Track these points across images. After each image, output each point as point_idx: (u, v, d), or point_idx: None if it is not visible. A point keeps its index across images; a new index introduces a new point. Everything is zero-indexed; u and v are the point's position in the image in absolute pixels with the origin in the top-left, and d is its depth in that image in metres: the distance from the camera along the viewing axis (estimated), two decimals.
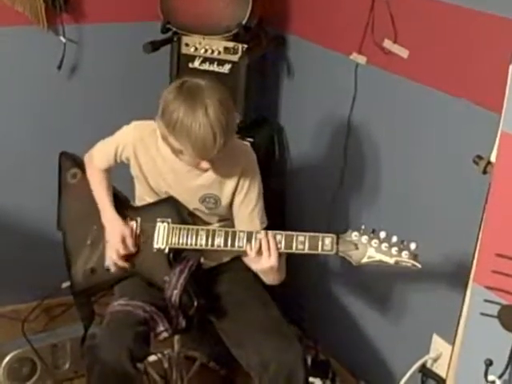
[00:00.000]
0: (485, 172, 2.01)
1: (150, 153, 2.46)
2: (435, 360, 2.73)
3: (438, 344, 2.71)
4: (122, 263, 2.48)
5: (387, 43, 2.71)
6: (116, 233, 2.48)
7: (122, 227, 2.49)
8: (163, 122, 2.25)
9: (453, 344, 2.16)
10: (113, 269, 2.50)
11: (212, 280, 2.61)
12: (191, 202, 2.49)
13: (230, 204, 2.51)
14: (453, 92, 2.50)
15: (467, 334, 1.97)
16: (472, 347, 1.94)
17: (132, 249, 2.47)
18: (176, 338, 2.75)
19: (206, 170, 2.35)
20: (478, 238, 1.95)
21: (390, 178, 2.89)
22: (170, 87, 2.27)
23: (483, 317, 1.83)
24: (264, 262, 2.30)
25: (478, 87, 2.40)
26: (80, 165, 2.67)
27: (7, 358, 2.98)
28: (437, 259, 2.58)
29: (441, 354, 2.70)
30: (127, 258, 2.48)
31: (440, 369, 2.70)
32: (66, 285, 2.73)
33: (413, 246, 2.14)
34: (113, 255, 2.48)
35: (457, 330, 2.11)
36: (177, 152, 2.28)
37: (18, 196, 3.39)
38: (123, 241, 2.46)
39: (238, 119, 2.35)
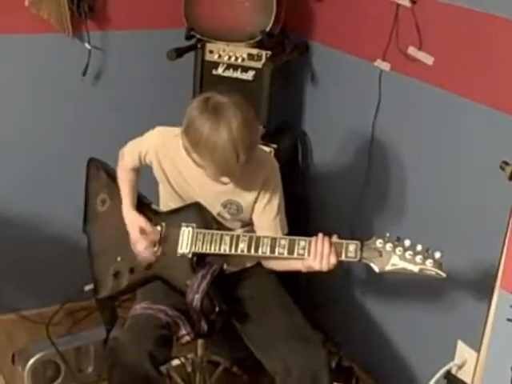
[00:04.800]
0: (511, 178, 2.00)
1: (173, 157, 2.46)
2: (460, 367, 2.70)
3: (463, 350, 2.68)
4: (150, 252, 2.47)
5: (412, 50, 2.70)
6: (133, 226, 2.51)
7: (137, 219, 2.52)
8: (187, 139, 2.24)
9: (478, 350, 2.13)
10: (144, 261, 2.49)
11: (235, 285, 2.59)
12: (214, 207, 2.48)
13: (252, 210, 2.50)
14: (478, 98, 2.48)
15: (493, 340, 1.96)
16: (498, 353, 1.93)
17: (153, 235, 2.47)
18: (199, 342, 2.75)
19: (226, 183, 2.36)
20: (504, 244, 1.93)
21: (414, 186, 2.87)
22: (194, 103, 2.25)
23: (509, 323, 1.81)
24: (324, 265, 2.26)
25: (504, 94, 2.38)
26: (107, 172, 2.69)
27: (31, 361, 2.98)
28: (462, 265, 2.55)
29: (466, 360, 2.67)
30: (154, 244, 2.48)
31: (465, 375, 2.67)
32: (88, 287, 2.74)
33: (437, 254, 2.12)
34: (139, 248, 2.48)
35: (482, 337, 2.09)
36: (199, 166, 2.29)
37: (42, 201, 3.40)
38: (141, 231, 2.48)
39: (261, 132, 2.35)
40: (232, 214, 2.49)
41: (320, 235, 2.26)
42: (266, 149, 3.02)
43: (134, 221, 2.54)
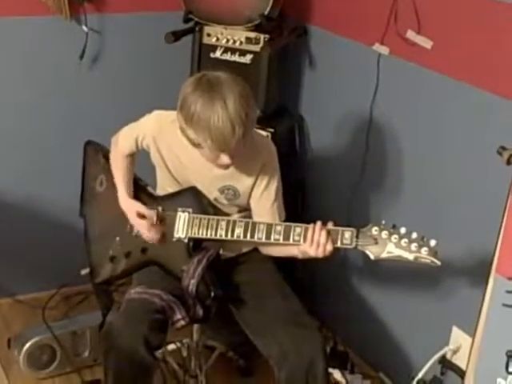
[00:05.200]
0: (509, 163, 1.99)
1: (170, 142, 2.45)
2: (455, 352, 2.71)
3: (458, 336, 2.69)
4: (155, 232, 2.46)
5: (410, 34, 2.68)
6: (131, 213, 2.51)
7: (132, 204, 2.52)
8: (182, 115, 2.24)
9: (473, 336, 2.13)
10: (155, 240, 2.47)
11: (231, 270, 2.59)
12: (211, 192, 2.47)
13: (249, 196, 2.49)
14: (477, 83, 2.47)
15: (488, 325, 1.96)
16: (493, 338, 1.93)
17: (152, 217, 2.47)
18: (195, 327, 2.75)
19: (226, 168, 2.34)
20: (500, 229, 1.93)
21: (412, 171, 2.86)
22: (189, 80, 2.26)
23: (505, 308, 1.81)
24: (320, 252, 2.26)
25: (503, 78, 2.37)
26: (105, 155, 2.67)
27: (27, 345, 2.98)
28: (458, 251, 2.55)
29: (460, 345, 2.68)
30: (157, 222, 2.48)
31: (460, 360, 2.68)
32: (85, 272, 2.74)
33: (433, 242, 2.12)
34: (144, 232, 2.48)
35: (477, 322, 2.09)
36: (196, 145, 2.28)
37: (38, 185, 3.40)
38: (139, 215, 2.48)
39: (256, 114, 2.35)
40: (229, 199, 2.48)
41: (318, 224, 2.25)
42: (263, 133, 3.01)
43: (130, 208, 2.53)
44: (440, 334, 2.76)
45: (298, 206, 3.34)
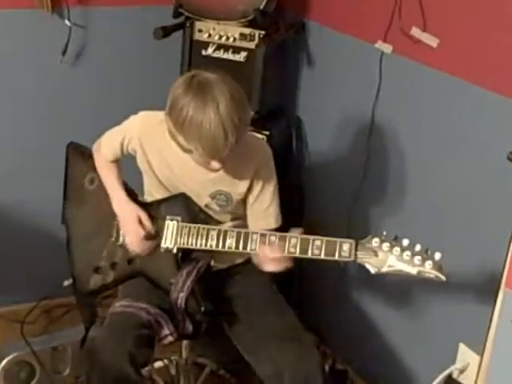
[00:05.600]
0: None
1: (158, 145, 2.44)
2: (462, 371, 2.70)
3: (465, 354, 2.68)
4: (146, 244, 2.47)
5: (415, 31, 2.68)
6: (130, 216, 2.49)
7: (136, 208, 2.50)
8: (171, 119, 2.23)
9: (481, 353, 2.13)
10: (142, 252, 2.48)
11: (223, 283, 2.60)
12: (202, 198, 2.48)
13: (243, 201, 2.50)
14: (486, 84, 2.46)
15: (497, 343, 1.95)
16: (502, 356, 1.92)
17: (151, 229, 2.47)
18: (184, 343, 2.75)
19: (216, 171, 2.34)
20: (510, 241, 1.93)
21: (416, 178, 2.86)
22: (179, 82, 2.25)
23: None
24: (271, 266, 2.33)
25: None
26: (90, 156, 2.67)
27: (5, 362, 2.97)
28: (466, 263, 2.55)
29: (468, 364, 2.67)
30: (149, 238, 2.48)
31: (467, 380, 2.67)
32: (67, 283, 2.74)
33: (437, 255, 2.12)
34: (134, 240, 2.48)
35: (486, 339, 2.08)
36: (186, 151, 2.28)
37: (18, 191, 3.37)
38: (140, 221, 2.47)
39: (251, 115, 2.36)
40: (221, 205, 2.49)
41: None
42: (258, 136, 3.01)
43: (132, 211, 2.51)
44: (446, 352, 2.75)
45: (294, 213, 3.33)
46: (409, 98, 2.84)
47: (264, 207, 2.49)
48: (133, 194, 2.61)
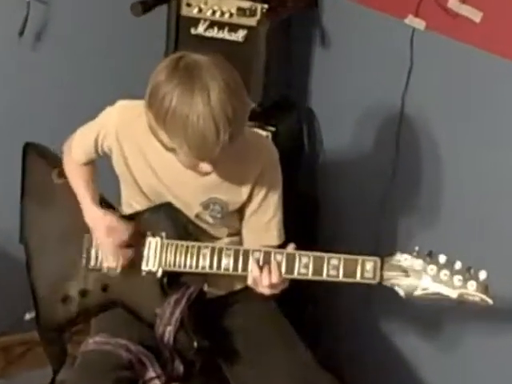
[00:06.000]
0: None
1: (138, 141, 2.45)
2: None
3: None
4: (124, 253, 2.48)
5: (453, 3, 2.70)
6: (101, 228, 2.50)
7: (105, 218, 2.50)
8: (151, 111, 2.22)
9: None
10: (119, 265, 2.49)
11: (220, 313, 2.60)
12: (192, 207, 2.48)
13: (242, 213, 2.51)
14: None
15: None
16: None
17: (124, 236, 2.47)
18: None
19: (206, 174, 2.35)
20: None
21: (455, 182, 2.87)
22: (161, 65, 2.22)
23: None
24: (266, 290, 2.34)
25: None
26: (54, 158, 2.69)
27: None
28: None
29: None
30: (126, 246, 2.49)
31: None
32: (29, 316, 2.73)
33: (482, 274, 2.11)
34: (109, 254, 2.49)
35: None
36: (169, 150, 2.27)
37: None
38: (109, 231, 2.48)
39: (250, 106, 2.35)
40: (215, 216, 2.49)
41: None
42: (262, 133, 3.02)
43: (99, 219, 2.52)
44: None
45: (307, 227, 3.34)
46: (446, 81, 2.85)
47: (266, 220, 2.50)
48: (109, 207, 2.62)
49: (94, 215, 2.54)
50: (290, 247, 2.31)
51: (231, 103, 2.15)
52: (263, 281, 2.29)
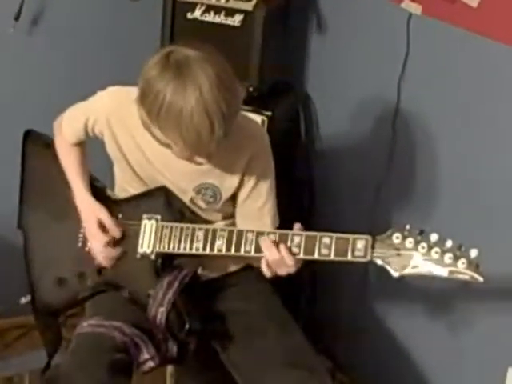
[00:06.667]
0: None
1: (130, 127, 2.44)
2: None
3: None
4: (109, 252, 2.49)
5: None
6: (90, 217, 2.51)
7: (96, 208, 2.52)
8: (144, 108, 2.22)
9: None
10: (105, 263, 2.51)
11: (215, 296, 2.60)
12: (186, 191, 2.48)
13: (235, 198, 2.51)
14: None
15: None
16: None
17: (115, 232, 2.48)
18: (168, 370, 2.76)
19: (200, 164, 2.35)
20: None
21: (450, 167, 2.87)
22: (152, 61, 2.22)
23: None
24: (284, 270, 2.30)
25: None
26: (49, 147, 2.68)
27: None
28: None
29: None
30: (115, 243, 2.49)
31: None
32: (25, 300, 2.74)
33: (473, 252, 2.10)
34: (96, 246, 2.50)
35: None
36: (164, 145, 2.28)
37: None
38: (100, 225, 2.49)
39: (242, 94, 2.35)
40: (208, 201, 2.49)
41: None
42: (257, 118, 3.02)
43: (91, 211, 2.53)
44: (492, 377, 2.76)
45: (303, 212, 3.34)
46: (443, 66, 2.84)
47: (258, 205, 2.50)
48: (102, 192, 2.63)
49: (84, 202, 2.56)
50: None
51: (225, 98, 2.16)
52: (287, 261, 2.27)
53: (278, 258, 2.25)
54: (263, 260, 2.30)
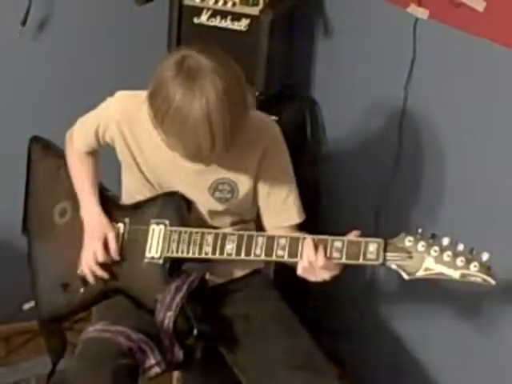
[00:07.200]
0: None
1: (140, 131, 2.45)
2: None
3: None
4: (99, 271, 2.48)
5: None
6: (96, 229, 2.50)
7: (105, 224, 2.51)
8: (153, 105, 2.21)
9: None
10: (88, 276, 2.50)
11: (222, 300, 2.60)
12: (199, 195, 2.48)
13: (250, 194, 2.50)
14: None
15: None
16: None
17: (115, 256, 2.48)
18: (175, 375, 2.75)
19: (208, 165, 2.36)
20: None
21: (458, 169, 2.86)
22: (168, 62, 2.21)
23: None
24: (325, 274, 2.29)
25: None
26: (58, 153, 2.70)
27: None
28: None
29: None
30: (107, 266, 2.48)
31: None
32: (28, 305, 2.74)
33: (485, 256, 2.11)
34: (89, 258, 2.48)
35: None
36: (167, 145, 2.28)
37: None
38: (104, 242, 2.47)
39: (252, 102, 2.33)
40: (225, 198, 2.48)
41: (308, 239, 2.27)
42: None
43: (97, 222, 2.52)
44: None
45: (310, 214, 3.33)
46: (449, 72, 2.84)
47: (282, 198, 2.50)
48: (111, 200, 2.63)
49: (93, 213, 2.55)
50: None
51: (230, 113, 2.15)
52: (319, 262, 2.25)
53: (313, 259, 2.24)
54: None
